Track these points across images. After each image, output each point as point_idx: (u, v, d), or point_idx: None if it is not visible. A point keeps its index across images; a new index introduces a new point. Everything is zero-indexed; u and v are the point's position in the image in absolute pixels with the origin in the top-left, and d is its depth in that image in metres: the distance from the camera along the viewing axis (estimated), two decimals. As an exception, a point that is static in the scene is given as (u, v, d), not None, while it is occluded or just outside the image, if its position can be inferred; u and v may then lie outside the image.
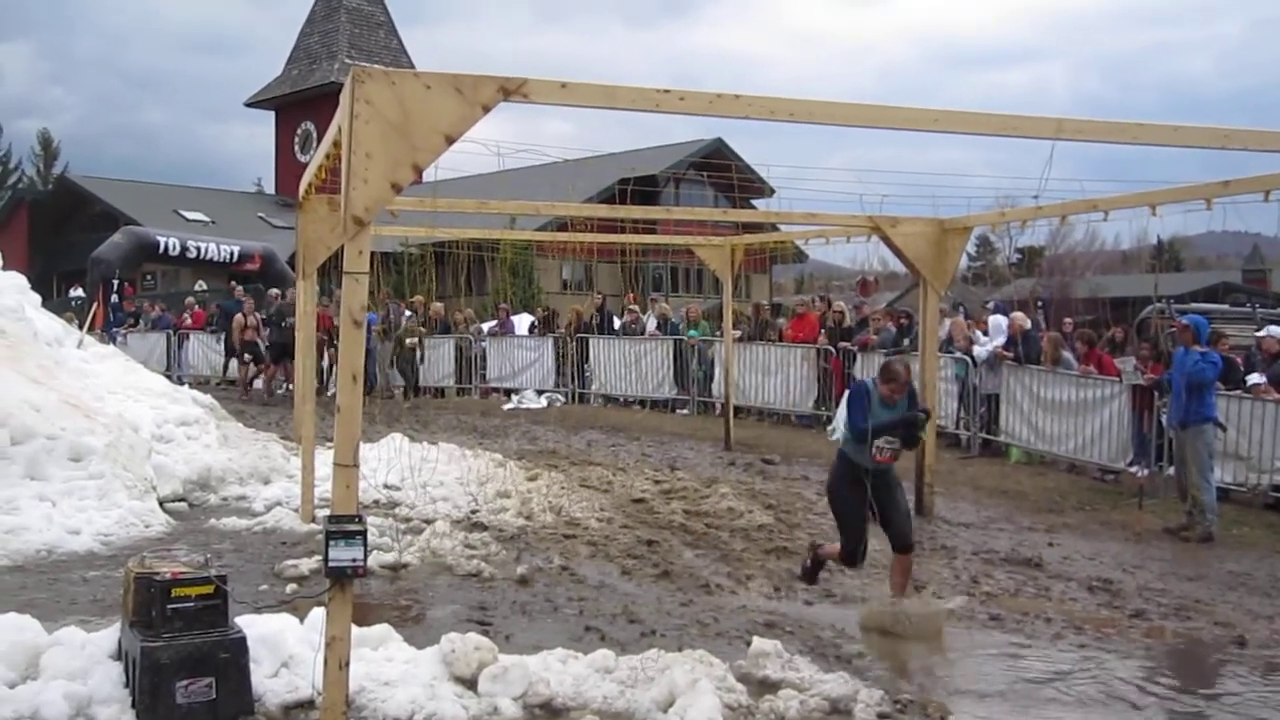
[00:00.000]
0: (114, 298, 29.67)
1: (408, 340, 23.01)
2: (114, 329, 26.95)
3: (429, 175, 6.41)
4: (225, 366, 25.57)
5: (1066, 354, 15.61)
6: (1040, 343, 15.92)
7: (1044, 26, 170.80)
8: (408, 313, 24.27)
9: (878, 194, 12.39)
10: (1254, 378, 13.35)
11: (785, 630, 7.78)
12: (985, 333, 17.57)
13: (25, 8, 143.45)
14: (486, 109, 5.56)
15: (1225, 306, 28.00)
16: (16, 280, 14.69)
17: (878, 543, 10.73)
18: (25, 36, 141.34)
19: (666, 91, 5.93)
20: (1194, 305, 24.06)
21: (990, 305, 21.15)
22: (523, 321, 26.30)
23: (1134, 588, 9.40)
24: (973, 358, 16.63)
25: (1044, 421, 15.32)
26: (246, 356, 23.50)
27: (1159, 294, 23.66)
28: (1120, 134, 6.87)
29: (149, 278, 43.89)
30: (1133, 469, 13.81)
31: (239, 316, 23.65)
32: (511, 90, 5.57)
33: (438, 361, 24.00)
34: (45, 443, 10.64)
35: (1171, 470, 12.95)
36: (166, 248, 32.93)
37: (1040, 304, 27.94)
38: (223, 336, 25.61)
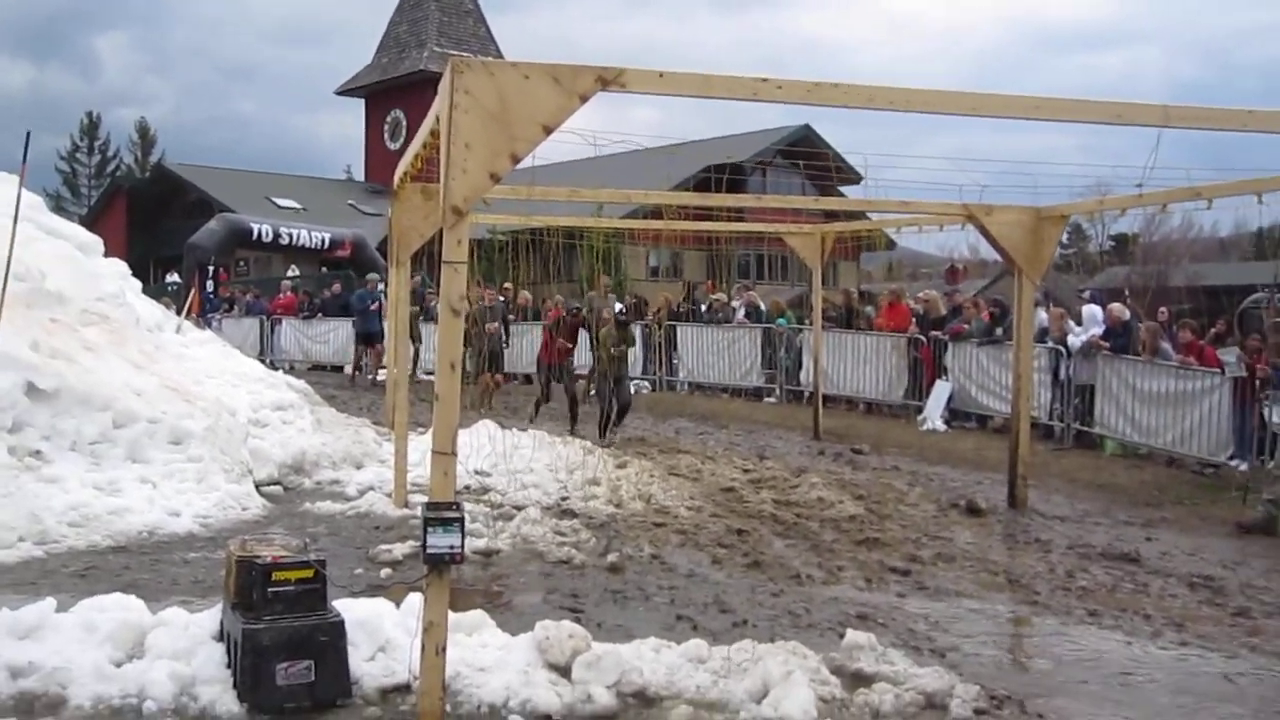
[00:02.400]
0: (209, 283, 30.23)
1: (612, 348, 15.93)
2: (210, 314, 27.47)
3: (524, 163, 6.43)
4: (357, 357, 24.80)
5: (1165, 344, 15.31)
6: (1138, 333, 15.62)
7: (1139, 8, 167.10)
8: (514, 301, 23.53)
9: (975, 182, 12.23)
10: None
11: (878, 622, 7.71)
12: (1079, 322, 17.28)
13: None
14: (584, 99, 5.57)
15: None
16: (118, 267, 15.06)
17: (971, 534, 10.69)
18: (123, 27, 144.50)
19: (764, 80, 5.89)
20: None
21: (1086, 294, 20.79)
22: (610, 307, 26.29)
23: (1236, 585, 9.19)
24: (1067, 348, 16.36)
25: (1141, 413, 15.02)
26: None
27: (1274, 283, 23.00)
28: (1229, 121, 6.71)
29: (242, 264, 44.63)
30: (1233, 463, 13.52)
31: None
32: (609, 80, 5.57)
33: (526, 348, 24.06)
34: (147, 426, 10.88)
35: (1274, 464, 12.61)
36: (260, 234, 33.44)
37: (1127, 293, 27.40)
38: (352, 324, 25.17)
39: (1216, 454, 13.92)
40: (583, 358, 18.49)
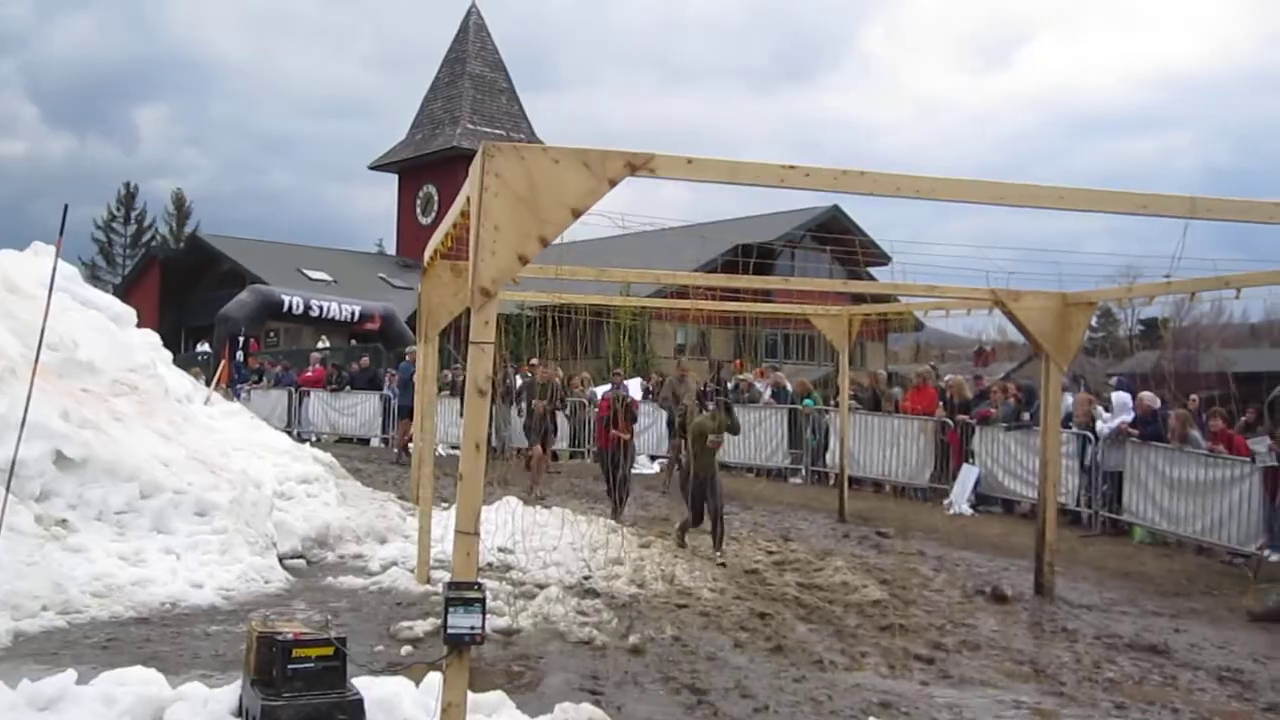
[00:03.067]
0: (239, 354, 30.45)
1: (710, 438, 13.76)
2: (238, 385, 27.63)
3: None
4: (404, 431, 22.16)
5: (1194, 432, 15.21)
6: (1168, 420, 15.53)
7: (1172, 94, 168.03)
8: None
9: (995, 266, 12.27)
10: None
11: (901, 711, 7.62)
12: (1107, 408, 17.22)
13: (164, 73, 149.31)
14: (613, 183, 5.65)
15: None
16: (150, 338, 15.22)
17: (996, 621, 10.58)
18: (163, 100, 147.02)
19: (792, 168, 5.96)
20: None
21: (1114, 381, 20.73)
22: (635, 386, 26.33)
23: (1267, 680, 9.02)
24: (1095, 433, 16.28)
25: (1170, 501, 14.89)
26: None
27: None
28: (1256, 214, 6.74)
29: (272, 334, 45.03)
30: (1264, 552, 13.38)
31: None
32: (638, 165, 5.65)
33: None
34: (172, 497, 10.94)
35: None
36: (290, 306, 33.76)
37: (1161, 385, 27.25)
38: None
39: (1246, 543, 13.77)
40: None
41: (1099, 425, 16.40)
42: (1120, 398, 17.15)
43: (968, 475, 18.02)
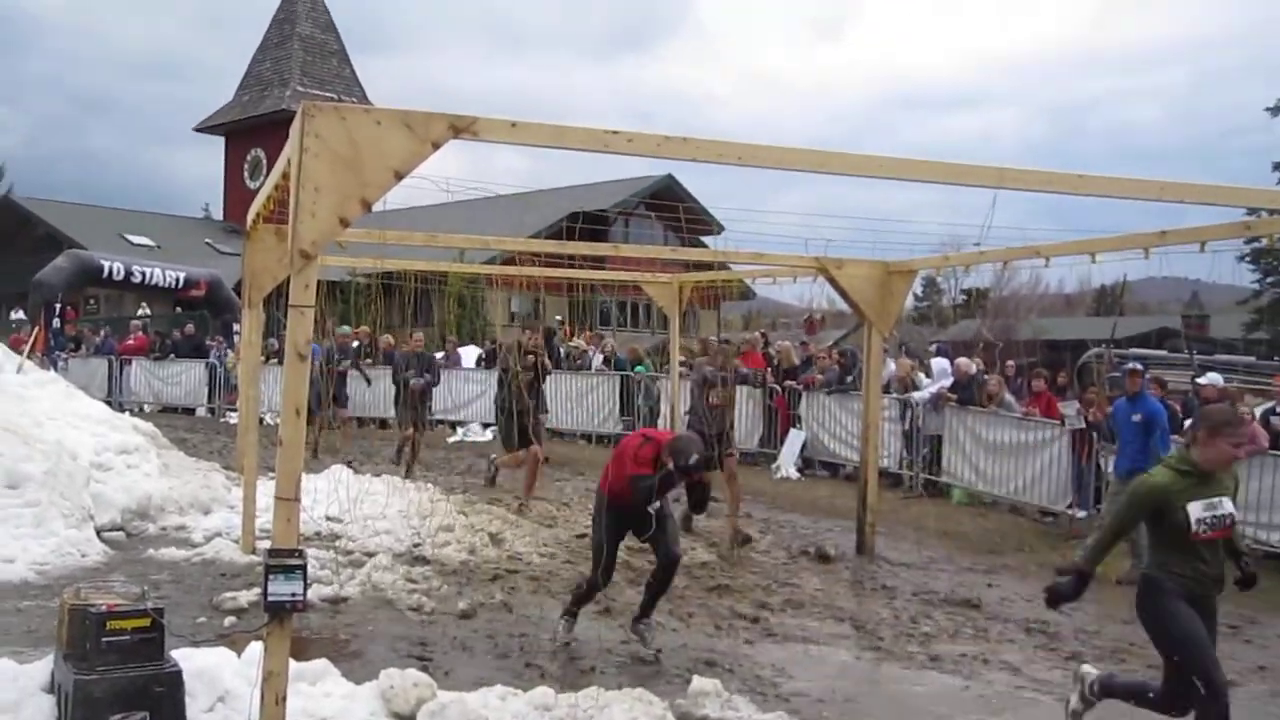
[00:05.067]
0: (56, 322, 29.30)
1: None
2: (55, 353, 26.65)
3: (378, 208, 6.43)
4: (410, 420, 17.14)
5: (1009, 396, 15.81)
6: (987, 385, 16.09)
7: (994, 72, 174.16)
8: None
9: (823, 236, 12.54)
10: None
11: (725, 669, 7.80)
12: (928, 374, 17.76)
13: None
14: (436, 146, 5.60)
15: (1164, 352, 28.39)
16: (-44, 303, 14.53)
17: (819, 580, 10.86)
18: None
19: (615, 133, 5.99)
20: (1133, 351, 24.40)
21: (933, 348, 21.40)
22: (469, 354, 26.17)
23: (1070, 630, 9.50)
24: (916, 399, 16.78)
25: (986, 463, 15.48)
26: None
27: (1109, 338, 24.00)
28: (1060, 184, 7.01)
29: (92, 302, 43.41)
30: (1072, 510, 14.00)
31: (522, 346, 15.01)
32: (461, 128, 5.62)
33: (384, 392, 23.73)
34: (-18, 469, 10.51)
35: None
36: (111, 272, 32.50)
37: (983, 346, 28.21)
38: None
39: (1056, 502, 14.41)
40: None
41: (915, 395, 16.91)
42: (939, 364, 17.72)
43: (794, 440, 18.39)
